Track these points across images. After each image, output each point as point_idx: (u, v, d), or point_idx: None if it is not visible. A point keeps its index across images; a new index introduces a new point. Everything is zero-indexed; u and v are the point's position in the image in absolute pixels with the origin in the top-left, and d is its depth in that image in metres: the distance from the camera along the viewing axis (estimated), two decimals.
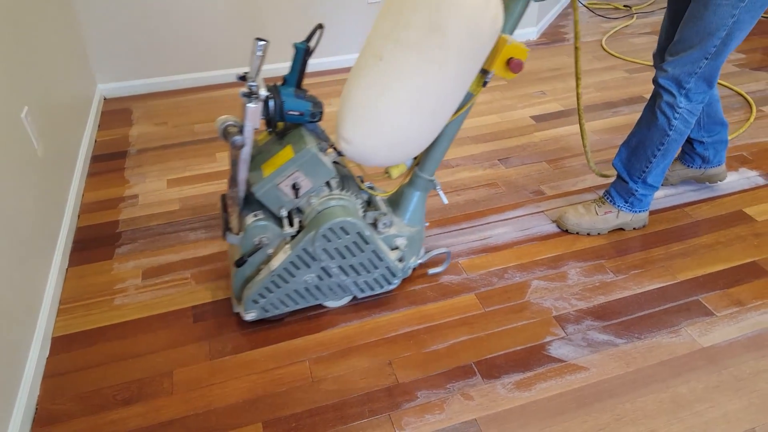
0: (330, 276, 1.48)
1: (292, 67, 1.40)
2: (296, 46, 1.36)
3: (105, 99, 2.84)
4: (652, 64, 2.77)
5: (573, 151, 2.29)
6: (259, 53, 1.26)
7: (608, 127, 2.45)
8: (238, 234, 1.43)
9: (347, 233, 1.41)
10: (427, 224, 1.91)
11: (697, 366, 1.41)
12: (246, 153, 1.33)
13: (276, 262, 1.42)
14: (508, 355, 1.45)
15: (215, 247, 1.84)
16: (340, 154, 1.40)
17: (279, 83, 1.41)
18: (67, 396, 1.38)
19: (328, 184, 1.45)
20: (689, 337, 1.48)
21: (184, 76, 2.91)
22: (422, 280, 1.69)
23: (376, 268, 1.51)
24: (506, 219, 1.93)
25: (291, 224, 1.45)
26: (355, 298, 1.62)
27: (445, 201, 1.63)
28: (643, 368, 1.41)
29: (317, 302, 1.55)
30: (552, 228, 1.88)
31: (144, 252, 1.83)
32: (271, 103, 1.33)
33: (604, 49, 3.20)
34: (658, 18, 3.64)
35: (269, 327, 1.54)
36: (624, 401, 1.33)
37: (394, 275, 1.54)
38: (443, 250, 1.71)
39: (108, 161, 2.33)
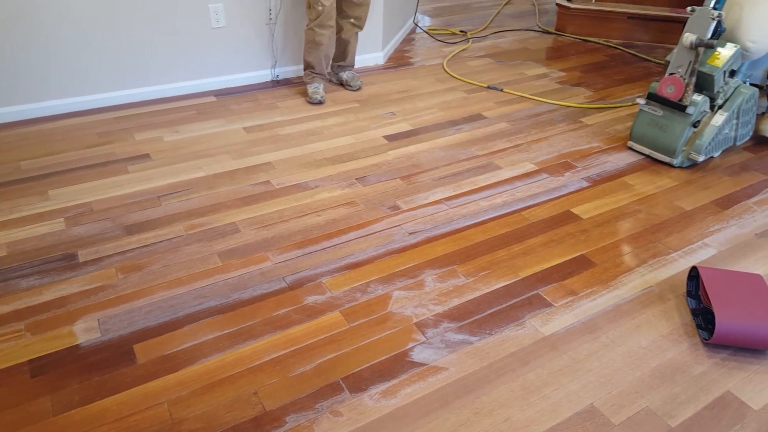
0: (730, 131, 2.42)
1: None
2: None
3: None
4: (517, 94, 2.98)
5: (423, 167, 2.42)
6: None
7: (453, 143, 2.63)
8: (690, 106, 2.32)
9: (753, 99, 2.43)
10: None
11: (541, 354, 1.55)
12: (702, 52, 2.27)
13: (719, 120, 2.35)
14: (374, 366, 1.49)
15: (52, 293, 1.67)
16: None
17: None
18: None
19: (733, 72, 2.40)
20: (533, 328, 1.63)
21: (5, 109, 2.63)
22: (287, 303, 1.67)
23: (748, 125, 2.50)
24: (366, 235, 1.99)
25: (719, 99, 2.39)
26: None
27: None
28: (495, 361, 1.52)
29: (714, 152, 2.45)
30: (410, 240, 1.97)
31: None
32: (720, 23, 2.24)
33: (446, 72, 3.45)
34: (492, 42, 3.99)
35: (121, 371, 1.43)
36: (481, 395, 1.42)
37: (756, 132, 2.63)
38: None
39: None
